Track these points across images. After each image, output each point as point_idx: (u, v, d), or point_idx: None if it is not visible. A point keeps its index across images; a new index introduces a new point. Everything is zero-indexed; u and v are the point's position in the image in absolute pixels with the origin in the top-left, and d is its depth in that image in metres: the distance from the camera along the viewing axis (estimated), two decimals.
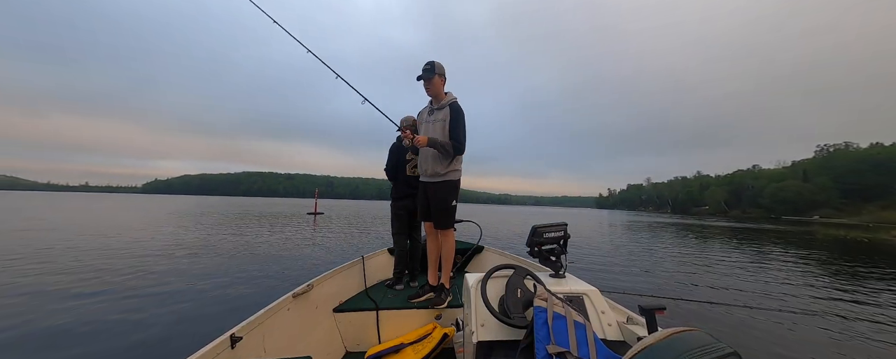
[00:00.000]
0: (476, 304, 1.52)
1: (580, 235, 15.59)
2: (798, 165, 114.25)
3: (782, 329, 4.06)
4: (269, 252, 8.42)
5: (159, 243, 9.30)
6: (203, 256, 7.58)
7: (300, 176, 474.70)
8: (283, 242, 10.41)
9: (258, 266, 6.74)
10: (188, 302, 4.42)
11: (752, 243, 15.00)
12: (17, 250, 7.56)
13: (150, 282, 5.35)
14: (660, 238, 16.45)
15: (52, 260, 6.71)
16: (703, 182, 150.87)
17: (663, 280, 6.60)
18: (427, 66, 2.55)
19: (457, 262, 3.88)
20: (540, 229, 1.82)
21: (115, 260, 6.96)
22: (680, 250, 11.71)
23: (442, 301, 2.62)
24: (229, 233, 12.28)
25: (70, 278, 5.44)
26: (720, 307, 4.79)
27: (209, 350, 1.36)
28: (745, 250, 12.25)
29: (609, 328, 1.48)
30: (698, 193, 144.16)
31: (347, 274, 2.98)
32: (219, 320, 3.83)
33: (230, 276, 5.90)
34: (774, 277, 7.39)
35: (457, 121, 2.53)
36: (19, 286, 4.91)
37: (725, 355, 0.71)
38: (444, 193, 2.60)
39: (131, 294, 4.70)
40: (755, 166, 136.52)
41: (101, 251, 7.88)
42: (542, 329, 1.20)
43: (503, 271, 1.63)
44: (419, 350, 2.18)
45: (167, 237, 10.59)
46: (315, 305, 2.35)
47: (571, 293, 1.57)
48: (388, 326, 2.55)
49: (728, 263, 9.21)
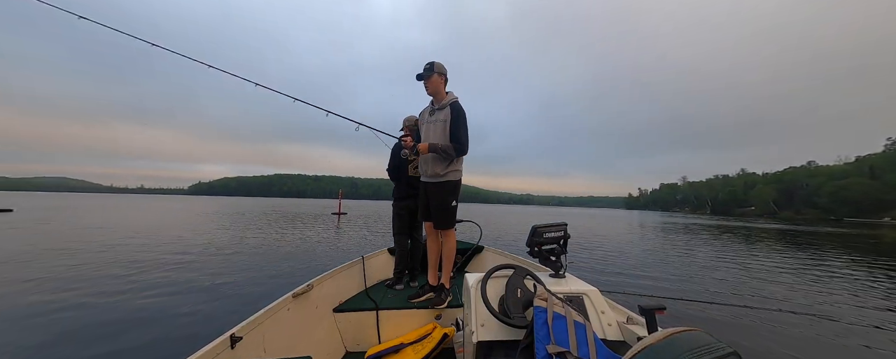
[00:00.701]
0: (476, 304, 1.51)
1: (603, 238, 14.43)
2: (863, 161, 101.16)
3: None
4: (293, 251, 8.76)
5: (195, 242, 9.74)
6: (229, 255, 7.90)
7: (326, 178, 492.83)
8: (305, 240, 10.86)
9: (281, 264, 7.00)
10: (201, 301, 4.47)
11: (812, 248, 12.95)
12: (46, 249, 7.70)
13: (165, 279, 5.47)
14: (701, 241, 14.88)
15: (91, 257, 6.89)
16: (749, 180, 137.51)
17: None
18: (427, 66, 2.59)
19: (457, 262, 3.88)
20: (540, 229, 1.82)
21: (149, 254, 7.57)
22: (725, 254, 10.49)
23: (442, 301, 2.62)
24: (257, 232, 12.83)
25: (104, 273, 5.75)
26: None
27: (209, 350, 1.36)
28: (806, 257, 10.41)
29: (609, 328, 1.48)
30: (742, 192, 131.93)
31: (347, 274, 2.98)
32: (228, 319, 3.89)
33: (253, 271, 6.24)
34: (846, 288, 6.32)
35: (458, 121, 2.52)
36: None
37: (725, 355, 0.71)
38: (445, 193, 2.60)
39: (149, 289, 4.87)
40: (811, 163, 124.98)
41: (141, 249, 8.37)
42: (542, 329, 1.20)
43: (503, 271, 1.63)
44: (419, 350, 2.18)
45: (205, 236, 11.25)
46: (315, 305, 2.35)
47: (571, 293, 1.56)
48: (388, 326, 2.55)
49: (791, 270, 8.04)
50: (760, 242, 15.11)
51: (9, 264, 6.33)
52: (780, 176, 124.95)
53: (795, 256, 10.74)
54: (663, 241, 14.71)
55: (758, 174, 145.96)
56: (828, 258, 10.26)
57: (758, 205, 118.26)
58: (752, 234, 21.02)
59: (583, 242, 12.65)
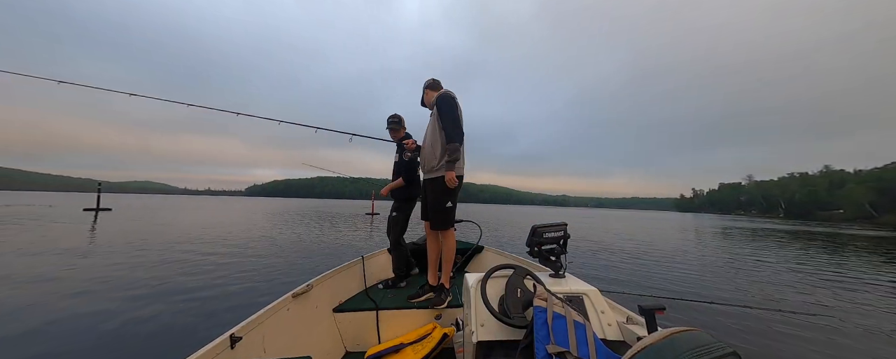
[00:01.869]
0: (476, 304, 1.51)
1: (646, 245, 12.15)
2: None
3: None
4: (328, 247, 9.40)
5: (244, 238, 10.75)
6: (270, 251, 8.41)
7: (363, 180, 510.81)
8: (339, 237, 11.68)
9: (317, 259, 7.55)
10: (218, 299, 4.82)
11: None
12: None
13: (190, 277, 5.67)
14: (799, 251, 12.11)
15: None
16: (834, 179, 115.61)
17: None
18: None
19: (456, 262, 3.88)
20: (540, 229, 1.82)
21: (205, 245, 8.76)
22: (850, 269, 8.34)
23: (442, 301, 2.62)
24: (302, 228, 14.39)
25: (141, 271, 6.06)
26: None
27: (209, 350, 1.36)
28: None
29: (609, 328, 1.48)
30: (827, 192, 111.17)
31: (347, 274, 2.98)
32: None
33: (289, 264, 6.75)
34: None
35: (442, 112, 2.56)
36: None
37: (725, 355, 0.71)
38: (439, 191, 2.60)
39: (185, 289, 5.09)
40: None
41: (209, 241, 9.74)
42: (541, 329, 1.20)
43: (503, 271, 1.63)
44: (419, 350, 2.17)
45: (261, 231, 12.74)
46: (315, 305, 2.35)
47: (571, 293, 1.56)
48: (388, 326, 2.55)
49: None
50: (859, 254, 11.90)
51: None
52: (879, 174, 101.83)
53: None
54: (742, 248, 12.39)
55: (848, 172, 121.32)
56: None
57: (847, 207, 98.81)
58: (850, 241, 17.38)
59: (615, 248, 10.84)
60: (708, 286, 6.22)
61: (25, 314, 3.61)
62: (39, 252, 7.15)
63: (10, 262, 6.20)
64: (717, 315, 4.50)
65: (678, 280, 6.60)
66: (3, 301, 4.02)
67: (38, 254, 6.97)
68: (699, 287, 6.13)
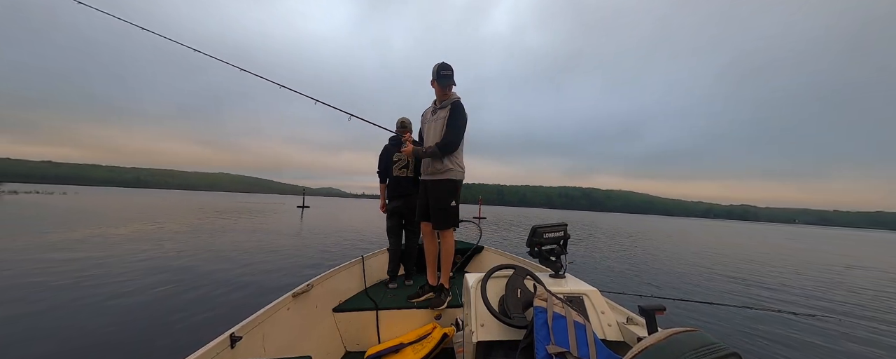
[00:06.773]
0: (476, 304, 1.51)
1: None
2: None
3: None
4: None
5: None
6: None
7: (476, 186, 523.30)
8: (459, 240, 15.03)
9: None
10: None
11: None
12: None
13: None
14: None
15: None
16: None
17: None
18: (447, 72, 2.53)
19: (457, 262, 3.88)
20: (540, 230, 1.82)
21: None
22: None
23: (441, 301, 2.62)
24: None
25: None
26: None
27: (209, 350, 1.36)
28: None
29: (609, 329, 1.48)
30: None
31: (347, 274, 2.98)
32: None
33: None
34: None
35: (454, 118, 2.52)
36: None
37: (725, 355, 0.71)
38: (443, 192, 2.59)
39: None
40: None
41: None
42: (541, 329, 1.20)
43: (503, 271, 1.63)
44: (419, 350, 2.17)
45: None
46: (315, 304, 2.35)
47: (571, 294, 1.56)
48: (388, 326, 2.55)
49: None
50: None
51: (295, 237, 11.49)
52: None
53: None
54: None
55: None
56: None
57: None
58: None
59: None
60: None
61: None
62: (277, 232, 12.61)
63: (263, 238, 10.44)
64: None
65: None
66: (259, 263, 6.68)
67: (274, 232, 12.41)
68: None
